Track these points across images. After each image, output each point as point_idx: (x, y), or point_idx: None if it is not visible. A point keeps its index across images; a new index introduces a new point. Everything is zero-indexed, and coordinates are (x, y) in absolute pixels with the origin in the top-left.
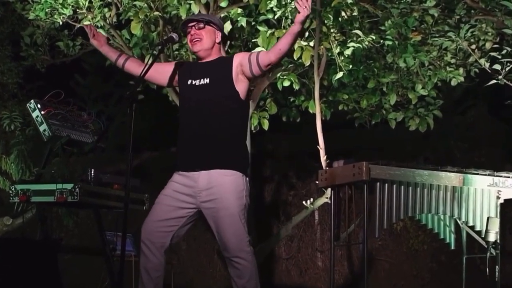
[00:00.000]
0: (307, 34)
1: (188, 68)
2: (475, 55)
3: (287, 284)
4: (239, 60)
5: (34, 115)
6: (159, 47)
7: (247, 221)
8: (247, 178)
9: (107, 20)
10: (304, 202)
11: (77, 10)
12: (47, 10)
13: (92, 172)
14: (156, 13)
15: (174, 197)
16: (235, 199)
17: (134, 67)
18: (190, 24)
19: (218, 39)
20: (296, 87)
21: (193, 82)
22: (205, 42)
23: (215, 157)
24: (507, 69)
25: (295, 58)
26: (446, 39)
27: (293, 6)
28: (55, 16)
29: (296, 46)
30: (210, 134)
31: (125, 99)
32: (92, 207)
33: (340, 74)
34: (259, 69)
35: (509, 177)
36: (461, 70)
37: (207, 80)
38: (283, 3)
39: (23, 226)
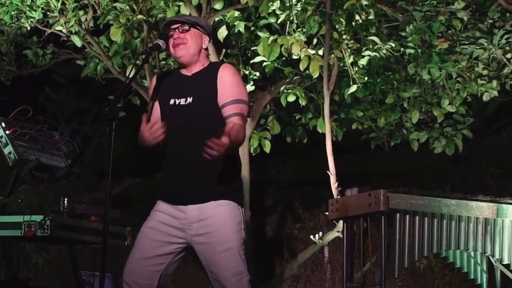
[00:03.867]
0: (315, 41)
1: (170, 81)
2: (511, 65)
3: None
4: (219, 86)
5: None
6: (143, 56)
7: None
8: (243, 209)
9: (83, 25)
10: (311, 237)
11: (48, 13)
12: (12, 13)
13: (65, 201)
14: (140, 16)
15: (161, 230)
16: (233, 232)
17: None
18: (173, 27)
19: (205, 44)
20: (302, 102)
21: (177, 101)
22: (190, 47)
23: (206, 190)
24: None
25: (302, 69)
26: (477, 47)
27: (299, 9)
28: (22, 20)
29: (302, 55)
30: (198, 162)
31: (104, 116)
32: (65, 242)
33: (353, 88)
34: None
35: None
36: (494, 83)
37: (190, 99)
38: (287, 5)
39: None
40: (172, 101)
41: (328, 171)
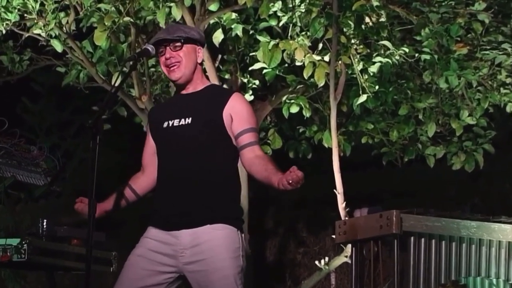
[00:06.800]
0: (321, 45)
1: (165, 107)
2: None
3: None
4: (233, 113)
5: None
6: (131, 62)
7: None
8: (243, 235)
9: (64, 28)
10: (317, 262)
11: (25, 15)
12: None
13: (45, 223)
14: (127, 18)
15: (150, 258)
16: (229, 259)
17: (144, 182)
18: (164, 43)
19: (200, 58)
20: (306, 114)
21: (170, 123)
22: (185, 66)
23: (201, 213)
24: None
25: (306, 77)
26: (500, 53)
27: (303, 10)
28: None
29: (307, 61)
30: (194, 184)
31: (87, 129)
32: (45, 268)
33: (363, 98)
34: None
35: None
36: None
37: (188, 120)
38: (290, 6)
39: None
40: (165, 124)
41: (335, 190)
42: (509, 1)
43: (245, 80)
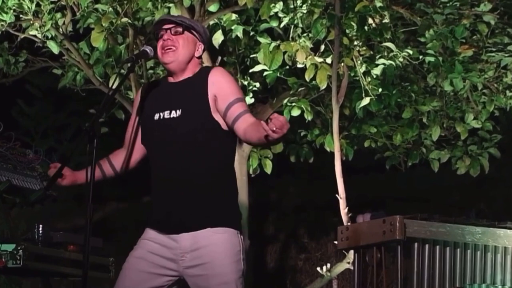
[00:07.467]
0: (323, 47)
1: (156, 93)
2: None
3: None
4: (216, 91)
5: None
6: (129, 64)
7: None
8: (242, 237)
9: (60, 29)
10: (318, 269)
11: (21, 16)
12: None
13: (40, 228)
14: (125, 19)
15: (150, 261)
16: (230, 263)
17: (124, 160)
18: (165, 27)
19: (199, 53)
20: (308, 117)
21: (161, 115)
22: (180, 53)
23: (200, 215)
24: None
25: (307, 79)
26: (506, 55)
27: (304, 11)
28: None
29: (308, 63)
30: (190, 184)
31: (84, 132)
32: (40, 275)
33: (366, 101)
34: (231, 127)
35: None
36: None
37: (179, 112)
38: (291, 7)
39: None
40: (157, 116)
41: (337, 195)
42: None
43: (246, 83)
